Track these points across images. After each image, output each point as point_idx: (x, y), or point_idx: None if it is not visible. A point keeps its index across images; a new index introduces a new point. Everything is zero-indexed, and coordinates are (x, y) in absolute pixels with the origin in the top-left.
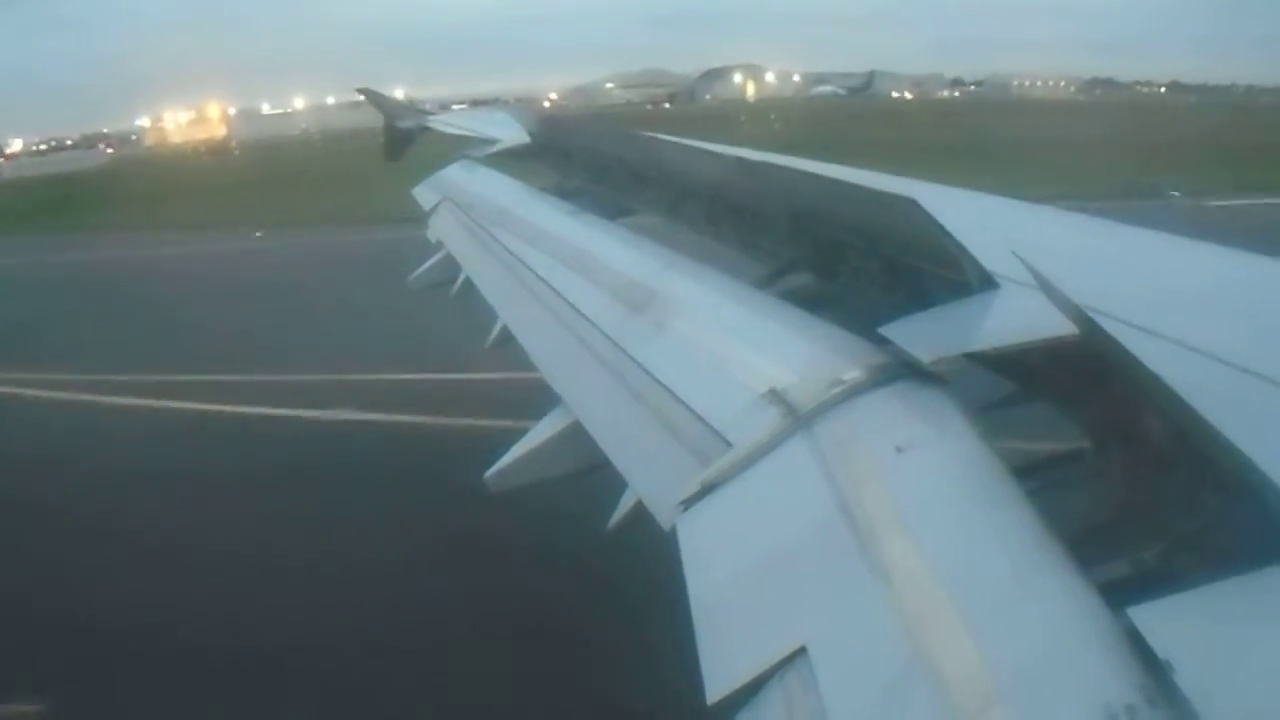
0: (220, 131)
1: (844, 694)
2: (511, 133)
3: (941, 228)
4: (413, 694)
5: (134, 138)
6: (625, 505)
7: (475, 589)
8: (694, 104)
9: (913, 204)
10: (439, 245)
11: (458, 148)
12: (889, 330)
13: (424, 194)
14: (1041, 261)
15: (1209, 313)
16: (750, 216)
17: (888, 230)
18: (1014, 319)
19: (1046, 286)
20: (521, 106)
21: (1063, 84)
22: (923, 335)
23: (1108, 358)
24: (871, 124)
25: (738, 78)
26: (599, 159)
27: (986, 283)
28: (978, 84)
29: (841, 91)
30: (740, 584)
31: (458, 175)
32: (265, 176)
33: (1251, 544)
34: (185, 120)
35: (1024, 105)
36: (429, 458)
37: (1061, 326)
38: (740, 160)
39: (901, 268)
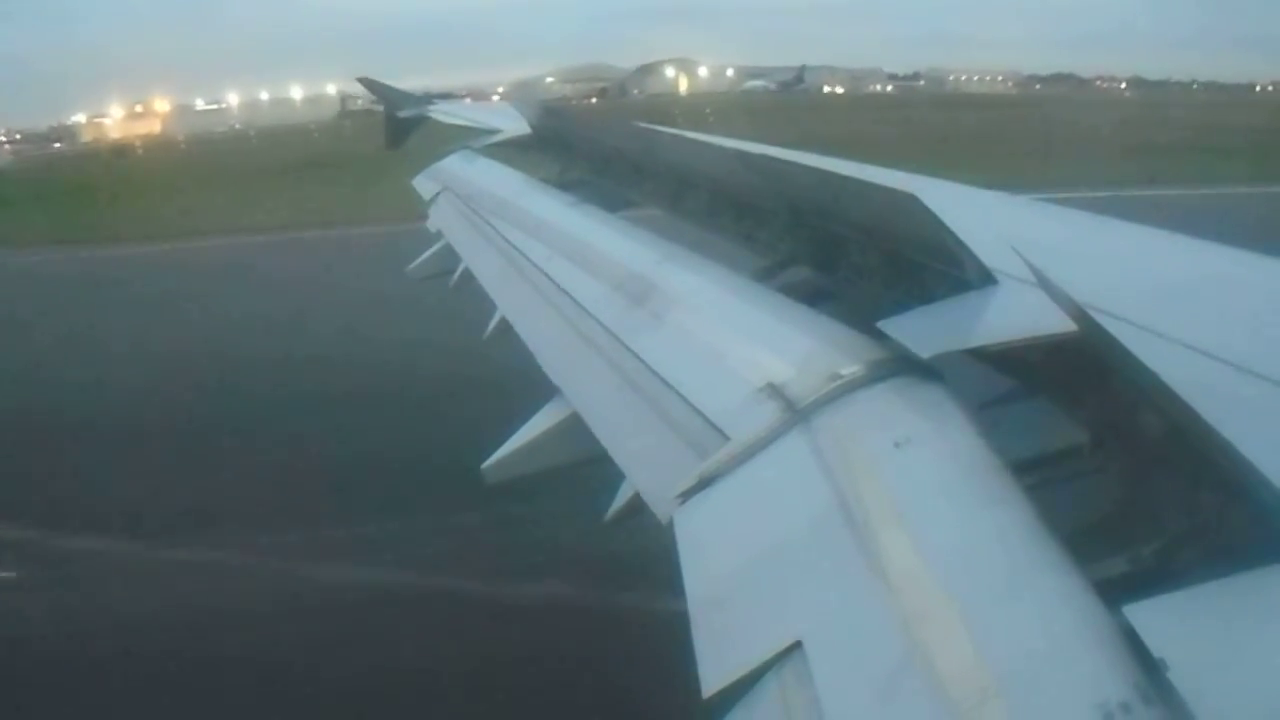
0: (155, 128)
1: (839, 689)
2: (513, 123)
3: (941, 223)
4: None
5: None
6: (623, 497)
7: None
8: (624, 99)
9: (913, 199)
10: (438, 235)
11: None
12: (888, 325)
13: (424, 184)
14: (1040, 258)
15: (1207, 310)
16: (750, 210)
17: (888, 225)
18: (1013, 315)
19: (1045, 283)
20: (523, 97)
21: (1000, 79)
22: (922, 331)
23: (1106, 355)
24: (787, 117)
25: (670, 72)
26: (600, 151)
27: (986, 279)
28: (910, 78)
29: (772, 86)
30: (737, 577)
31: (458, 165)
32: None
33: (1247, 543)
34: (121, 116)
35: (952, 99)
36: None
37: (1060, 323)
38: (741, 154)
39: (901, 263)
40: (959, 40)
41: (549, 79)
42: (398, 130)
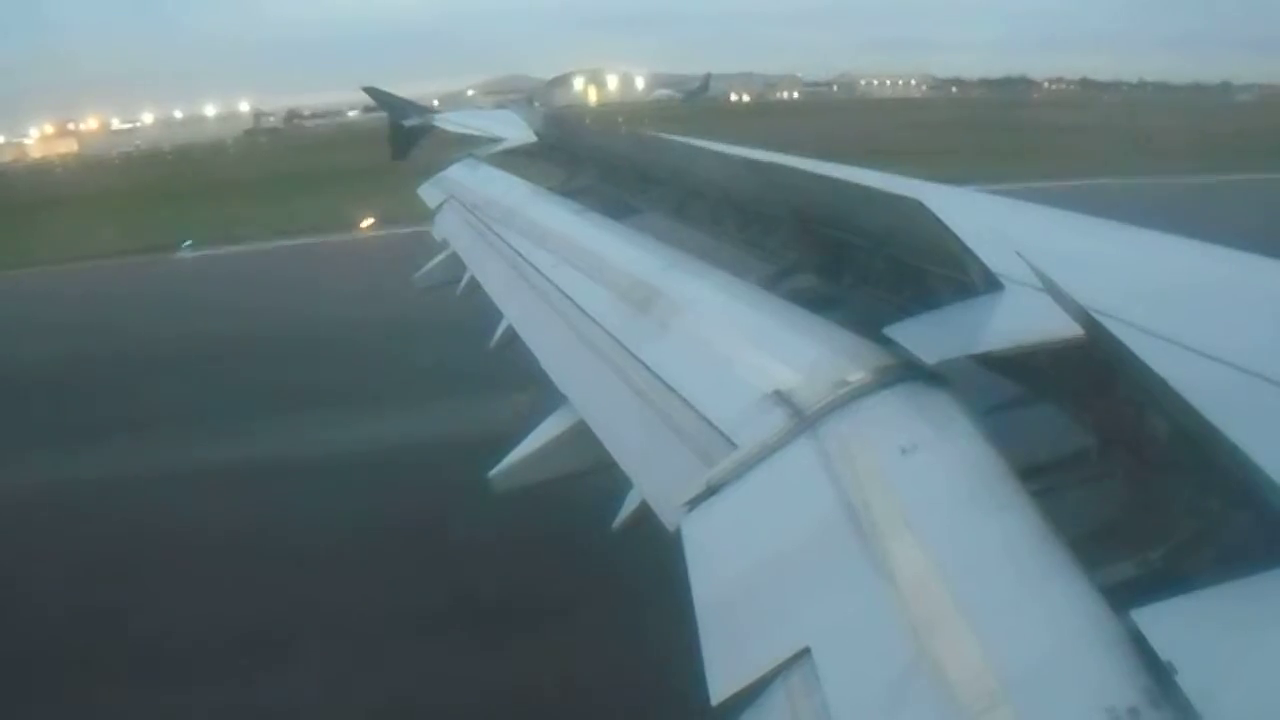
0: (72, 147)
1: (848, 695)
2: (518, 132)
3: (947, 229)
4: None
5: None
6: (630, 505)
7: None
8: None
9: (918, 205)
10: (444, 244)
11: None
12: (894, 331)
13: (429, 192)
14: (1046, 263)
15: (1213, 315)
16: (756, 217)
17: (893, 231)
18: (1019, 321)
19: (1051, 288)
20: (528, 105)
21: (913, 83)
22: (928, 337)
23: (1112, 359)
24: (675, 126)
25: (579, 83)
26: (605, 158)
27: (991, 284)
28: (824, 84)
29: (678, 96)
30: (745, 585)
31: (463, 174)
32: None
33: (1254, 547)
34: (40, 136)
35: (846, 103)
36: None
37: (1066, 328)
38: (746, 160)
39: (907, 269)
40: (912, 45)
41: (470, 92)
42: (403, 139)
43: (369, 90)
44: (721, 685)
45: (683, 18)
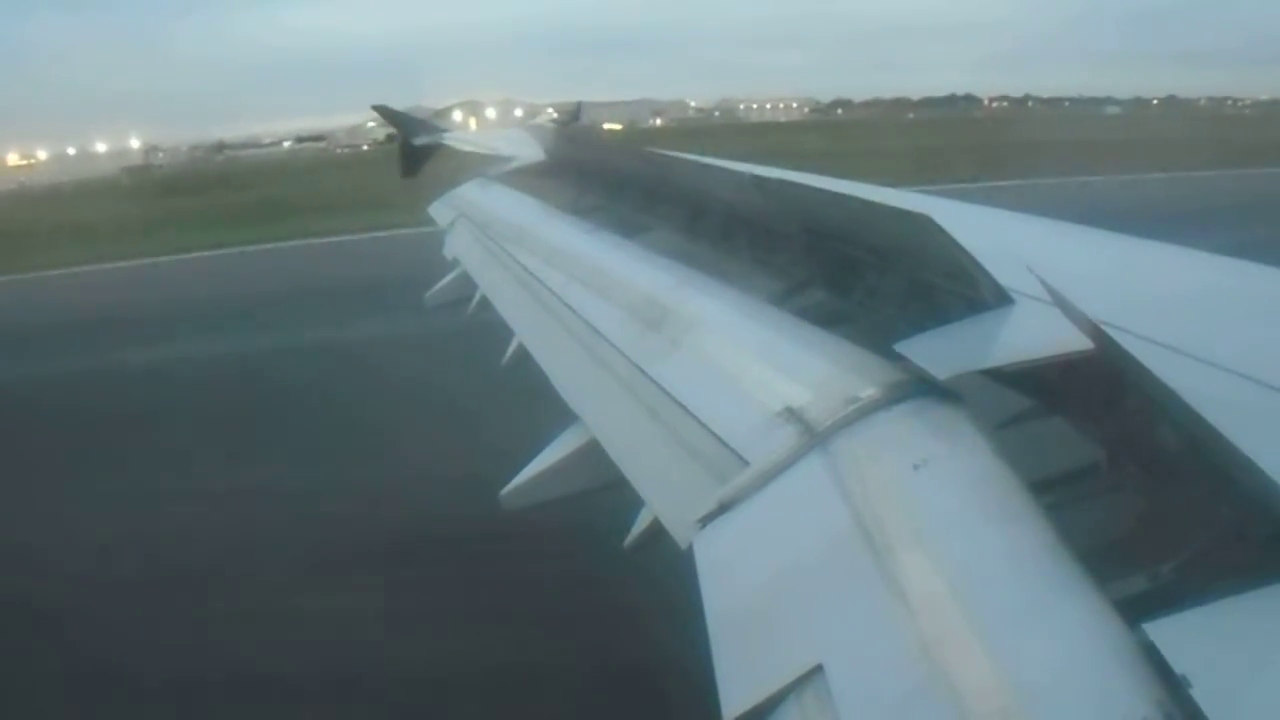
0: None
1: (860, 712)
2: (528, 150)
3: (956, 244)
4: None
5: None
6: (642, 523)
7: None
8: (390, 144)
9: (928, 220)
10: (455, 263)
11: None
12: (904, 347)
13: (440, 211)
14: (1056, 277)
15: (1224, 326)
16: (766, 233)
17: (903, 246)
18: (1029, 335)
19: (1061, 302)
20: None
21: (795, 105)
22: (938, 352)
23: (1123, 373)
24: None
25: (458, 115)
26: (615, 177)
27: (1002, 299)
28: (705, 110)
29: (550, 126)
30: (757, 602)
31: (473, 193)
32: None
33: (1268, 559)
34: None
35: (724, 129)
36: None
37: (1077, 342)
38: (755, 177)
39: (916, 284)
40: (885, 67)
41: (370, 124)
42: (413, 158)
43: (379, 109)
44: (734, 703)
45: (640, 45)
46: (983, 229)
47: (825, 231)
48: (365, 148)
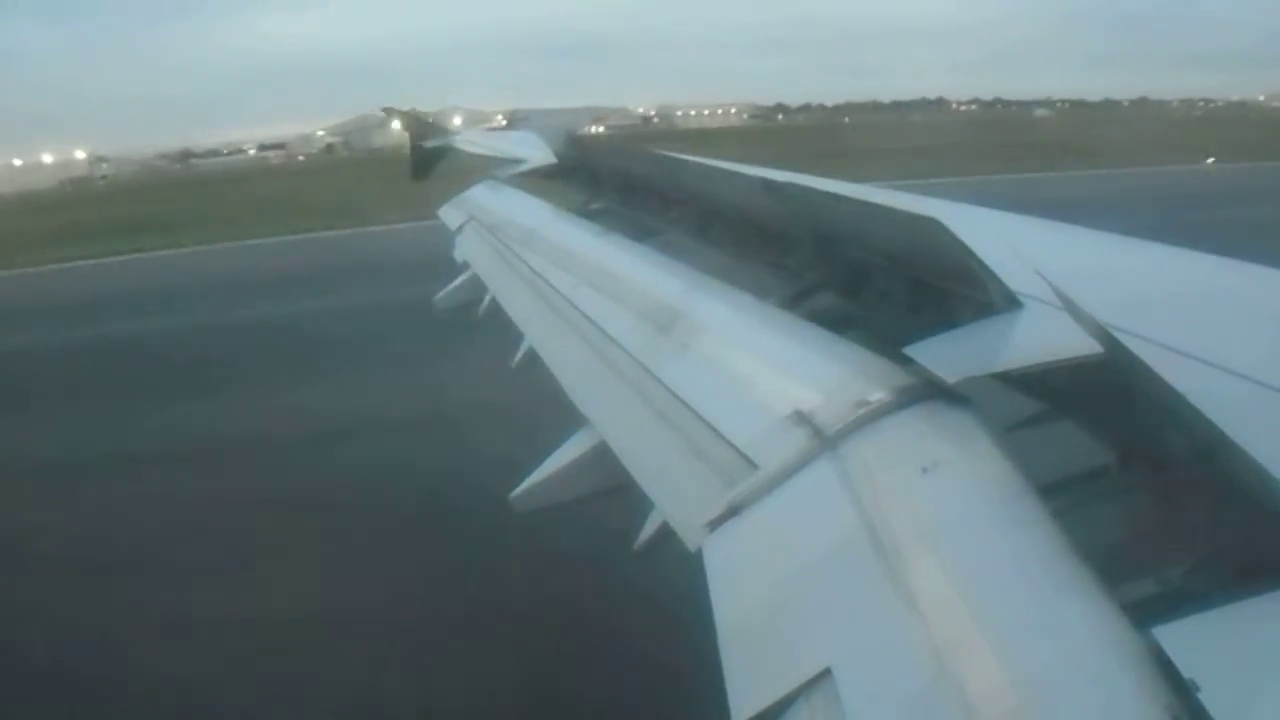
0: None
1: (869, 716)
2: (538, 153)
3: (965, 247)
4: None
5: None
6: (651, 526)
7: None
8: (330, 154)
9: (937, 224)
10: (465, 266)
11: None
12: (914, 350)
13: (450, 214)
14: (1065, 280)
15: (1233, 330)
16: (776, 237)
17: (912, 250)
18: (1038, 338)
19: (1070, 305)
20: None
21: (734, 111)
22: (947, 355)
23: (1132, 376)
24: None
25: (396, 123)
26: (625, 180)
27: (1011, 302)
28: (647, 116)
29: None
30: (766, 605)
31: (484, 196)
32: None
33: (1276, 563)
34: None
35: (662, 135)
36: None
37: (1085, 345)
38: (765, 181)
39: (926, 287)
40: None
41: (319, 132)
42: (423, 160)
43: (389, 110)
44: (743, 706)
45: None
46: (991, 232)
47: (835, 235)
48: (301, 158)
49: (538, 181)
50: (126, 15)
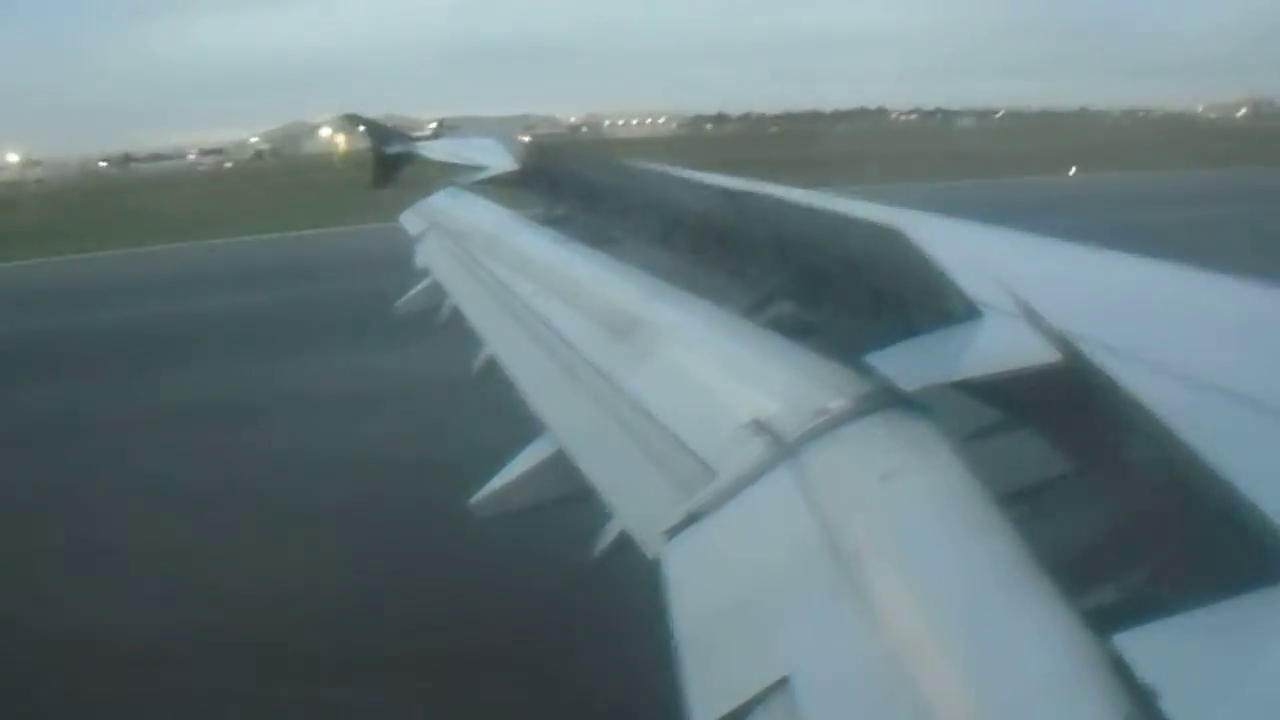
0: None
1: None
2: (499, 160)
3: (926, 257)
4: None
5: None
6: (610, 534)
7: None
8: (258, 160)
9: (897, 234)
10: (426, 272)
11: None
12: (874, 359)
13: (411, 220)
14: (1025, 290)
15: (1193, 338)
16: (736, 245)
17: (873, 259)
18: (998, 347)
19: (1030, 314)
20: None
21: (661, 120)
22: (907, 364)
23: (1091, 384)
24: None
25: (325, 131)
26: (586, 187)
27: (971, 311)
28: (574, 126)
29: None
30: (724, 614)
31: (445, 203)
32: None
33: (1236, 568)
34: None
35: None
36: None
37: (1045, 354)
38: (725, 189)
39: (886, 296)
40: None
41: (253, 139)
42: (386, 167)
43: (353, 117)
44: (701, 713)
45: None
46: (954, 242)
47: (795, 243)
48: (229, 165)
49: (500, 189)
50: (77, 17)
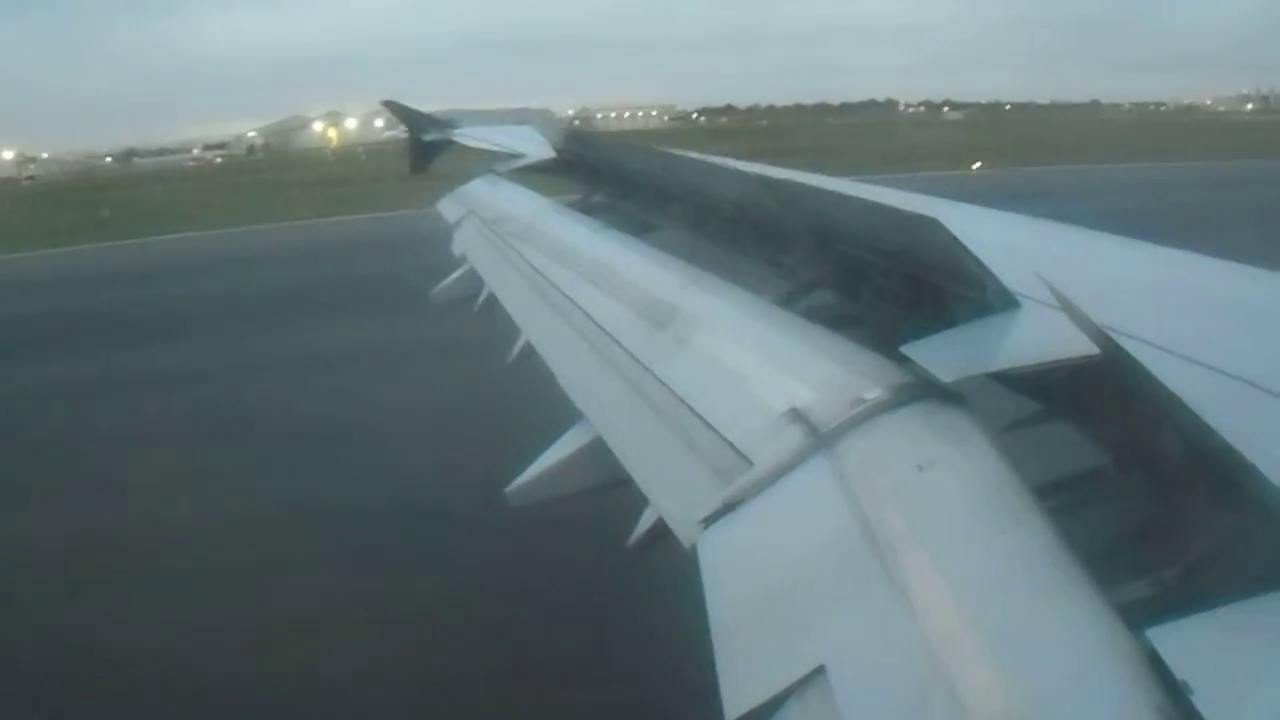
0: None
1: (862, 714)
2: (537, 148)
3: (963, 247)
4: None
5: None
6: (646, 522)
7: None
8: (251, 155)
9: (935, 223)
10: (463, 259)
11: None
12: (911, 349)
13: (448, 208)
14: (1063, 281)
15: (1230, 332)
16: (773, 234)
17: (910, 249)
18: (1035, 338)
19: (1068, 306)
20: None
21: (655, 113)
22: (944, 354)
23: (1128, 377)
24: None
25: (318, 125)
26: (624, 175)
27: (1008, 302)
28: (570, 118)
29: (402, 136)
30: (760, 602)
31: (482, 190)
32: None
33: (1271, 564)
34: None
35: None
36: None
37: (1082, 346)
38: (764, 178)
39: (924, 286)
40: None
41: (251, 133)
42: (422, 154)
43: (389, 104)
44: (736, 703)
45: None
46: (991, 232)
47: (833, 233)
48: (219, 160)
49: (536, 176)
50: (84, 9)
